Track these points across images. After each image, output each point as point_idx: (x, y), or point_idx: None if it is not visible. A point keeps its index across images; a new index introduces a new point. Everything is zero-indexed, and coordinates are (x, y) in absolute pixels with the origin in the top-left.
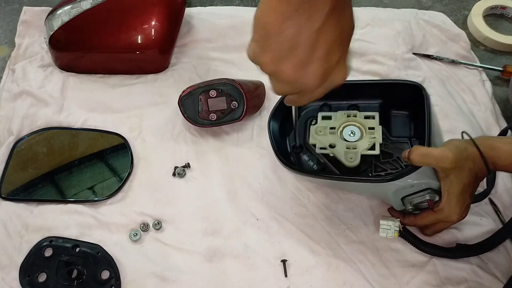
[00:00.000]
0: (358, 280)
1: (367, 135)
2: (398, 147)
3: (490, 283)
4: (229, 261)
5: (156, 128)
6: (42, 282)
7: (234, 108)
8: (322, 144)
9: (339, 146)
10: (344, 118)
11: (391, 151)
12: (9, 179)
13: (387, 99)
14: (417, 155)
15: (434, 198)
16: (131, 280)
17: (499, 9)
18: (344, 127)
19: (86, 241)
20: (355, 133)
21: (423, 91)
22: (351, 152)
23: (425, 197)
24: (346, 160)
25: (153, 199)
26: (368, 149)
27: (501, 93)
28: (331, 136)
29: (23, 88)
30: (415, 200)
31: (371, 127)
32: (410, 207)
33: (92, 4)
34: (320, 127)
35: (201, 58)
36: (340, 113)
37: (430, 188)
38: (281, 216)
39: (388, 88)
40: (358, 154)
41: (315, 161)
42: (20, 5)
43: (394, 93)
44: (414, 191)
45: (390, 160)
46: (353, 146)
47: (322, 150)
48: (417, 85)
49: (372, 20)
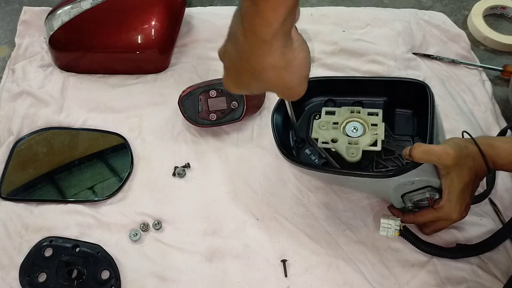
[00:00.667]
0: (358, 280)
1: (370, 131)
2: (400, 144)
3: (490, 283)
4: (229, 261)
5: (156, 128)
6: (42, 282)
7: (234, 108)
8: (324, 138)
9: (341, 141)
10: (347, 113)
11: (393, 148)
12: (9, 179)
13: (392, 96)
14: (418, 151)
15: (434, 196)
16: (131, 280)
17: (499, 9)
18: (347, 123)
19: (86, 241)
20: (358, 129)
21: (427, 89)
22: (352, 147)
23: (425, 195)
24: (347, 155)
25: (153, 199)
26: (370, 145)
27: (501, 93)
28: (334, 131)
29: (23, 88)
30: (415, 198)
31: (374, 123)
32: (410, 204)
33: (92, 4)
34: (323, 122)
35: (201, 58)
36: (343, 109)
37: (431, 186)
38: (281, 216)
39: (393, 86)
40: (360, 150)
41: (316, 156)
42: (20, 5)
43: (398, 91)
44: (414, 188)
45: (391, 157)
46: (355, 142)
47: (324, 144)
48: (422, 83)
49: (372, 20)
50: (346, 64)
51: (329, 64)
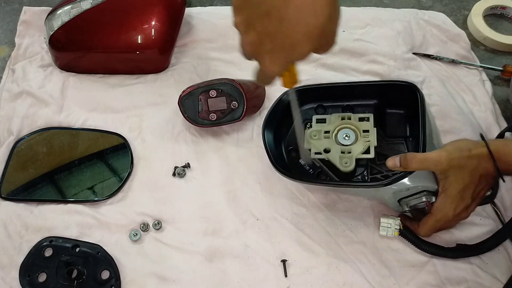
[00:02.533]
0: (358, 280)
1: (362, 138)
2: (393, 148)
3: (490, 283)
4: (229, 261)
5: (156, 128)
6: (42, 282)
7: (234, 108)
8: (316, 149)
9: (333, 151)
10: (338, 121)
11: (386, 152)
12: (9, 179)
13: (382, 99)
14: (416, 162)
15: (430, 199)
16: (131, 280)
17: (499, 9)
18: (338, 130)
19: (86, 241)
20: (350, 136)
21: (417, 91)
22: (345, 156)
23: (421, 199)
24: (341, 165)
25: (153, 199)
26: (362, 153)
27: (501, 93)
28: (326, 141)
29: (23, 88)
30: (412, 202)
31: (365, 129)
32: (407, 208)
33: (92, 4)
34: (314, 131)
35: (201, 58)
36: (334, 116)
37: (426, 190)
38: (281, 216)
39: (383, 89)
40: (353, 159)
41: (310, 165)
42: (20, 5)
43: (389, 94)
44: (410, 193)
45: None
46: (348, 150)
47: (317, 155)
48: (411, 84)
49: (372, 20)
50: (346, 64)
51: (329, 64)
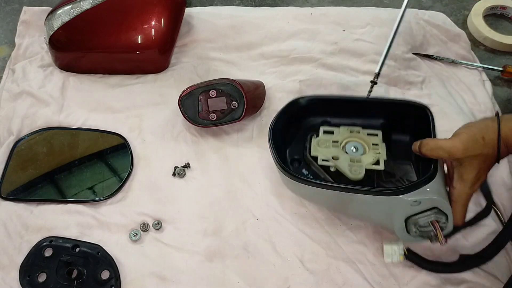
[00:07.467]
0: (358, 280)
1: (372, 150)
2: (400, 167)
3: (490, 283)
4: (229, 261)
5: (156, 128)
6: (42, 282)
7: (234, 108)
8: (324, 156)
9: (342, 159)
10: (347, 133)
11: (393, 171)
12: (9, 179)
13: (390, 118)
14: (427, 149)
15: (440, 219)
16: (131, 280)
17: (499, 9)
18: (346, 143)
19: (86, 241)
20: (358, 148)
21: (428, 112)
22: (355, 165)
23: (430, 217)
24: (350, 173)
25: (153, 199)
26: (373, 164)
27: (501, 93)
28: (334, 149)
29: (23, 88)
30: (420, 221)
31: (374, 143)
32: (414, 229)
33: (92, 4)
34: (322, 140)
35: (201, 58)
36: (343, 128)
37: (437, 207)
38: (281, 216)
39: (391, 108)
40: (363, 167)
41: (314, 176)
42: (20, 5)
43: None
44: (420, 210)
45: (392, 179)
46: (357, 160)
47: (324, 162)
48: (423, 106)
49: (372, 20)
50: (346, 64)
51: (329, 64)
